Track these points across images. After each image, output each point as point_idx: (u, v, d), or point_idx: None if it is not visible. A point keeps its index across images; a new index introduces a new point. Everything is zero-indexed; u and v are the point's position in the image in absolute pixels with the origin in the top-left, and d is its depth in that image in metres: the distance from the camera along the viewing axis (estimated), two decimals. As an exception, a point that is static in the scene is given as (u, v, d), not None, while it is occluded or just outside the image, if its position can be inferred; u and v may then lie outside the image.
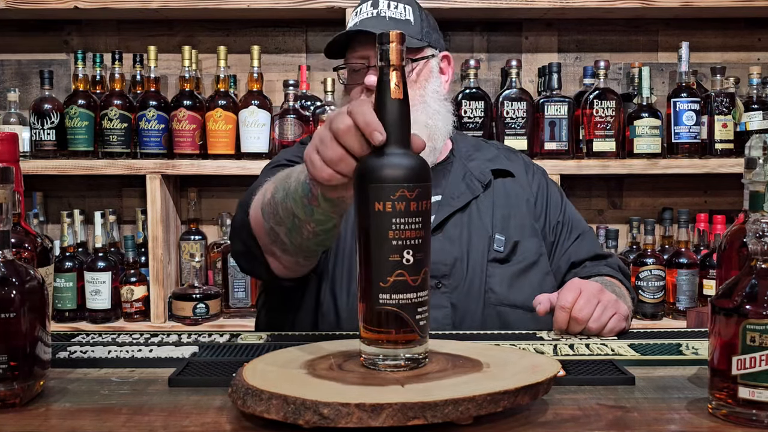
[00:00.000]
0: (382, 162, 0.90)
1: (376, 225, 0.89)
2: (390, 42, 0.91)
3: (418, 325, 0.91)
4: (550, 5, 2.40)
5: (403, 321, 0.90)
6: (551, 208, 1.66)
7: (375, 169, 0.90)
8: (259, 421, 0.88)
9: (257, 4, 2.40)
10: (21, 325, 0.93)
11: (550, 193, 1.69)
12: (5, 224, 0.95)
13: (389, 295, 0.89)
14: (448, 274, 1.50)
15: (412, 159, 0.91)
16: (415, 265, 0.89)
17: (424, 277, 0.91)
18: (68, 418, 0.92)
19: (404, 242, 0.88)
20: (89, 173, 2.44)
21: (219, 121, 2.42)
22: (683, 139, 2.44)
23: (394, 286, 0.89)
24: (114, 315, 2.45)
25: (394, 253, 0.88)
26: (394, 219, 0.88)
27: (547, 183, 1.71)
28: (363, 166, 0.92)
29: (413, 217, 0.88)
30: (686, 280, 2.43)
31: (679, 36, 2.64)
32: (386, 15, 1.53)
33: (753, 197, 0.94)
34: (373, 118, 0.92)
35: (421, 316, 0.91)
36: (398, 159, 0.90)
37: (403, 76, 0.92)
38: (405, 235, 0.88)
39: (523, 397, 0.88)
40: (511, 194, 1.62)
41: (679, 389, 1.02)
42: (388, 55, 0.91)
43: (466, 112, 2.40)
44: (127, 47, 2.63)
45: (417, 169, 0.90)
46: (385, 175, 0.89)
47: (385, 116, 0.91)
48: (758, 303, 0.87)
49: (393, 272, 0.88)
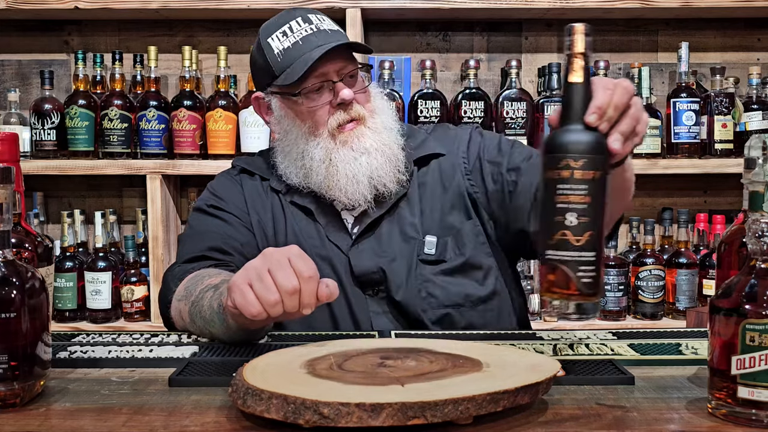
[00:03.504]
0: (557, 135, 1.00)
1: (546, 189, 1.00)
2: (579, 33, 1.00)
3: (579, 281, 0.98)
4: (550, 5, 2.40)
5: (566, 276, 0.98)
6: (486, 151, 1.55)
7: (548, 142, 1.00)
8: (259, 420, 0.88)
9: (257, 4, 2.40)
10: (21, 325, 0.94)
11: (485, 139, 1.58)
12: (5, 224, 0.95)
13: (553, 251, 0.99)
14: (381, 280, 1.47)
15: (584, 134, 1.00)
16: (579, 227, 0.97)
17: (588, 239, 0.98)
18: (68, 418, 0.92)
19: (568, 206, 0.97)
20: (89, 173, 2.44)
21: (219, 121, 2.42)
22: (683, 139, 2.44)
23: (557, 244, 0.98)
24: (114, 315, 2.45)
25: (559, 215, 0.98)
26: (559, 185, 0.98)
27: (480, 134, 1.60)
28: (547, 139, 1.01)
29: (578, 185, 0.97)
30: (686, 280, 2.44)
31: (679, 36, 2.65)
32: (325, 28, 1.48)
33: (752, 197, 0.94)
34: (313, 299, 1.06)
35: (584, 274, 0.98)
36: (572, 134, 1.00)
37: (587, 62, 1.00)
38: (569, 200, 0.97)
39: (523, 397, 0.88)
40: (444, 174, 1.55)
41: (678, 389, 1.02)
42: (578, 44, 1.00)
43: (465, 112, 2.40)
44: (128, 47, 2.63)
45: (586, 143, 0.99)
46: (554, 145, 0.99)
47: (571, 98, 1.01)
48: (758, 303, 0.87)
49: (557, 231, 0.98)
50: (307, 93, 1.46)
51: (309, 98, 1.47)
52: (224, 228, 1.51)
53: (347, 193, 1.46)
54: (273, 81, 1.50)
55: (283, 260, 1.07)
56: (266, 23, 1.53)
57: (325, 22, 1.50)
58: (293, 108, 1.50)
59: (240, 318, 1.12)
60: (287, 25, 1.48)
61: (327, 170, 1.47)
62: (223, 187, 1.59)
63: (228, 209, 1.54)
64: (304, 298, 1.06)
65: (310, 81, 1.45)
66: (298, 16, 1.49)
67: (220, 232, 1.50)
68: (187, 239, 1.54)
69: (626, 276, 2.45)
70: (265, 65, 1.49)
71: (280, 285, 1.05)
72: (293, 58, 1.45)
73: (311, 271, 1.06)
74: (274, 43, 1.48)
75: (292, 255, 1.07)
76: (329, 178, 1.47)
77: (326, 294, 1.07)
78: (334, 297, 1.09)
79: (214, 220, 1.53)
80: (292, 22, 1.48)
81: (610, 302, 2.44)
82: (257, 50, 1.52)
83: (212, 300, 1.22)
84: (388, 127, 1.52)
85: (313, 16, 1.49)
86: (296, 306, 1.06)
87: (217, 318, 1.21)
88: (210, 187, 1.61)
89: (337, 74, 1.46)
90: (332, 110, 1.47)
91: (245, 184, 1.59)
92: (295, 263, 1.06)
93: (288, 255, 1.07)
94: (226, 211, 1.54)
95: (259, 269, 1.07)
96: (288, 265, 1.06)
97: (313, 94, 1.47)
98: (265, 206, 1.55)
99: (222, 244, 1.47)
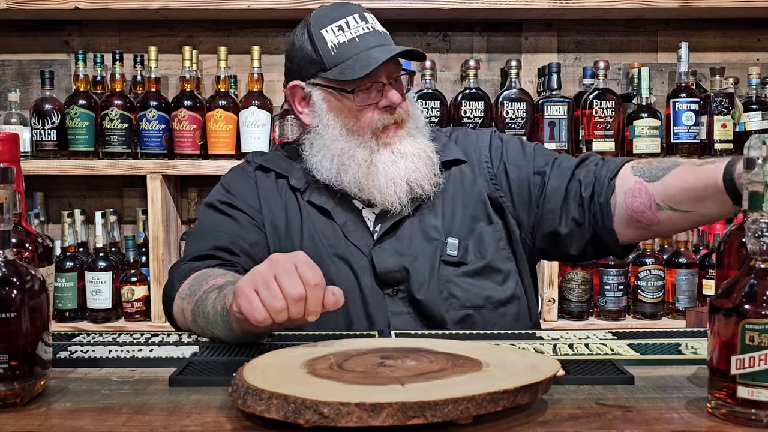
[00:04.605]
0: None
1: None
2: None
3: None
4: (550, 5, 2.40)
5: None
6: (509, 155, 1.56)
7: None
8: (259, 420, 0.88)
9: (257, 5, 2.40)
10: (22, 325, 0.94)
11: (506, 143, 1.59)
12: (6, 224, 0.95)
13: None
14: (402, 280, 1.48)
15: None
16: None
17: None
18: (69, 417, 0.92)
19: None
20: (90, 173, 2.44)
21: (219, 121, 2.42)
22: (682, 139, 2.44)
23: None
24: (115, 315, 2.46)
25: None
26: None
27: (500, 138, 1.61)
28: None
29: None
30: (685, 279, 2.44)
31: (679, 36, 2.65)
32: (379, 30, 1.50)
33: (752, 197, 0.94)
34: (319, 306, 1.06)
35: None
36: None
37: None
38: None
39: (523, 397, 0.89)
40: (466, 180, 1.57)
41: (678, 389, 1.02)
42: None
43: (465, 112, 2.40)
44: (128, 47, 2.63)
45: None
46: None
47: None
48: (757, 302, 0.87)
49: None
50: (358, 91, 1.48)
51: (359, 97, 1.48)
52: (233, 227, 1.51)
53: (384, 194, 1.48)
54: (320, 72, 1.49)
55: (289, 267, 1.06)
56: (317, 13, 1.52)
57: (377, 23, 1.52)
58: (339, 103, 1.50)
59: (245, 323, 1.12)
60: (344, 20, 1.48)
61: (367, 170, 1.48)
62: (236, 184, 1.58)
63: (240, 207, 1.53)
64: (310, 305, 1.06)
65: (364, 80, 1.46)
66: (354, 12, 1.50)
67: (229, 232, 1.50)
68: (196, 236, 1.54)
69: (626, 276, 2.45)
70: (315, 56, 1.49)
71: (286, 292, 1.05)
72: (349, 54, 1.46)
73: (317, 278, 1.06)
74: (329, 35, 1.48)
75: (298, 261, 1.07)
76: (369, 177, 1.48)
77: (332, 302, 1.07)
78: (340, 305, 1.08)
79: (224, 218, 1.53)
80: (349, 18, 1.48)
81: (609, 302, 2.44)
82: (305, 39, 1.51)
83: (216, 301, 1.22)
84: (422, 131, 1.55)
85: (368, 15, 1.51)
86: (301, 313, 1.06)
87: (220, 320, 1.21)
88: (223, 183, 1.60)
89: (387, 77, 1.48)
90: (378, 112, 1.48)
91: (260, 182, 1.57)
92: (302, 270, 1.06)
93: (294, 261, 1.07)
94: (237, 209, 1.53)
95: (265, 275, 1.07)
96: (294, 272, 1.06)
97: (362, 93, 1.48)
98: (279, 205, 1.55)
99: (229, 244, 1.47)
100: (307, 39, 1.50)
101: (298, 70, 1.53)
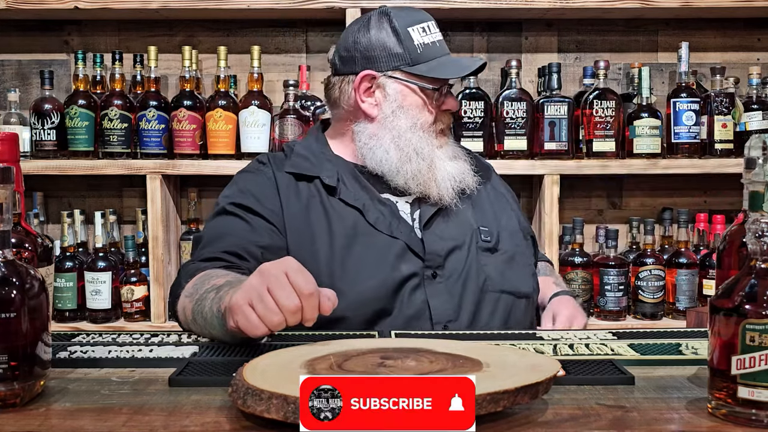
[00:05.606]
0: None
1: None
2: None
3: None
4: (550, 5, 2.40)
5: None
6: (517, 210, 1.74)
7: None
8: (259, 420, 0.88)
9: (257, 4, 2.40)
10: (21, 325, 0.94)
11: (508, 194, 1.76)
12: (5, 224, 0.95)
13: None
14: (442, 264, 1.52)
15: None
16: None
17: None
18: (68, 418, 0.92)
19: None
20: (89, 173, 2.44)
21: (219, 121, 2.42)
22: (683, 139, 2.44)
23: None
24: (114, 315, 2.45)
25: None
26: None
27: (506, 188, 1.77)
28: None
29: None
30: (686, 280, 2.44)
31: (679, 36, 2.65)
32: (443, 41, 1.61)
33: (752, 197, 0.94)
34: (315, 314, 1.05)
35: None
36: None
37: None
38: None
39: (523, 397, 0.88)
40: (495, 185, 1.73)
41: (678, 389, 1.02)
42: None
43: (465, 112, 2.40)
44: (128, 47, 2.63)
45: None
46: None
47: None
48: (758, 303, 0.87)
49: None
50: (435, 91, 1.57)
51: (436, 95, 1.57)
52: (246, 232, 1.50)
53: (441, 188, 1.57)
54: (402, 66, 1.56)
55: (281, 277, 1.05)
56: (397, 11, 1.59)
57: None
58: (417, 98, 1.58)
59: (243, 335, 1.12)
60: (426, 24, 1.58)
61: (429, 165, 1.57)
62: (253, 185, 1.57)
63: (256, 210, 1.52)
64: (306, 314, 1.05)
65: (441, 81, 1.57)
66: (430, 20, 1.60)
67: (241, 236, 1.49)
68: (207, 239, 1.52)
69: (626, 276, 2.45)
70: (399, 49, 1.56)
71: (282, 305, 1.04)
72: (434, 55, 1.57)
73: (311, 286, 1.05)
74: (415, 34, 1.57)
75: (289, 270, 1.06)
76: (430, 172, 1.57)
77: (328, 307, 1.07)
78: (335, 307, 1.09)
79: (237, 220, 1.52)
80: (429, 23, 1.59)
81: (610, 302, 2.44)
82: (387, 32, 1.56)
83: (213, 302, 1.22)
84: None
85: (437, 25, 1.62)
86: (299, 321, 1.06)
87: (216, 321, 1.21)
88: (238, 184, 1.59)
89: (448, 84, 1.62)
90: (440, 113, 1.59)
91: (280, 182, 1.57)
92: (294, 279, 1.05)
93: (285, 269, 1.06)
94: (252, 212, 1.52)
95: (259, 289, 1.06)
96: (287, 283, 1.04)
97: (437, 93, 1.58)
98: (299, 206, 1.54)
99: (240, 249, 1.46)
100: (391, 33, 1.56)
101: (371, 61, 1.58)
